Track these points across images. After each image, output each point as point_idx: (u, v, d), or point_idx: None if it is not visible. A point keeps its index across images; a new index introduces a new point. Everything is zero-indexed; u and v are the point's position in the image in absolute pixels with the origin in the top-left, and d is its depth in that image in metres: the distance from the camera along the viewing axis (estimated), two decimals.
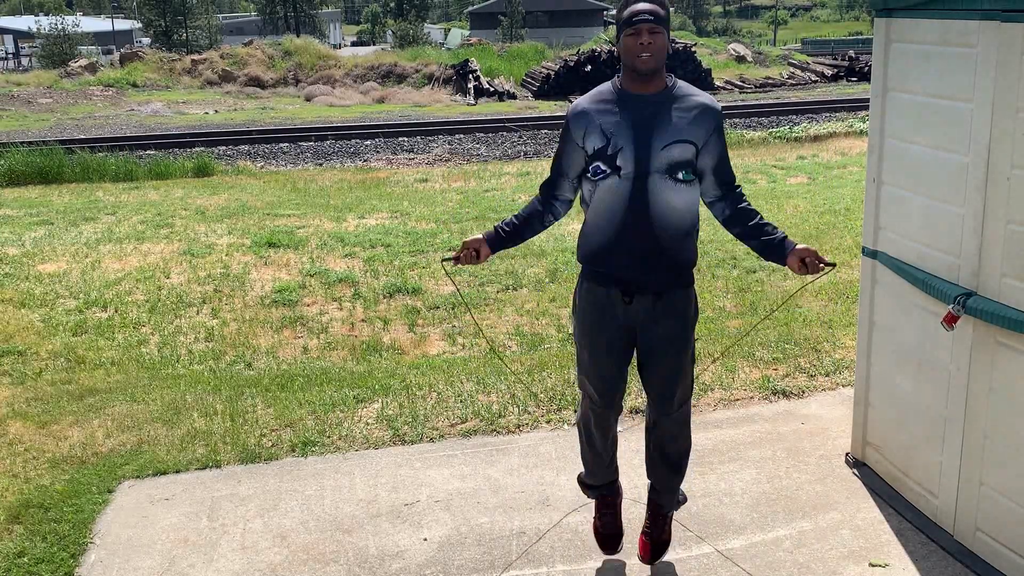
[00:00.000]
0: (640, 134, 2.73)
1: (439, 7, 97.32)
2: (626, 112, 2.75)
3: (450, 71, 29.40)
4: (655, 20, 2.69)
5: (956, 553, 3.26)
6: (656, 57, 2.70)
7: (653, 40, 2.68)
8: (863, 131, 15.40)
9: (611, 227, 2.79)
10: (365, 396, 4.78)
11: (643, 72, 2.72)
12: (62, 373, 5.39)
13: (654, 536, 3.20)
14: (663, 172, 2.74)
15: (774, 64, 34.29)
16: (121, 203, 10.87)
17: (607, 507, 3.24)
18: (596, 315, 2.90)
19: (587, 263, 2.91)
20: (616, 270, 2.82)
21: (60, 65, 34.53)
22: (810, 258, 2.85)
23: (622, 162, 2.74)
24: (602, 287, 2.87)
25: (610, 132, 2.75)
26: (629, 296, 2.83)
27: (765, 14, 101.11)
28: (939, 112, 3.19)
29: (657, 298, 2.84)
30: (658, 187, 2.74)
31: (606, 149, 2.76)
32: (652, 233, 2.76)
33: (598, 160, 2.78)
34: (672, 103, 2.77)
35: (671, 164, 2.74)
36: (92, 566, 3.37)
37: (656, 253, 2.78)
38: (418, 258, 7.82)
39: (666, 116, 2.74)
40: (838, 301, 6.20)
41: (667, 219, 2.77)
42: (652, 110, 2.75)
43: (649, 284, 2.82)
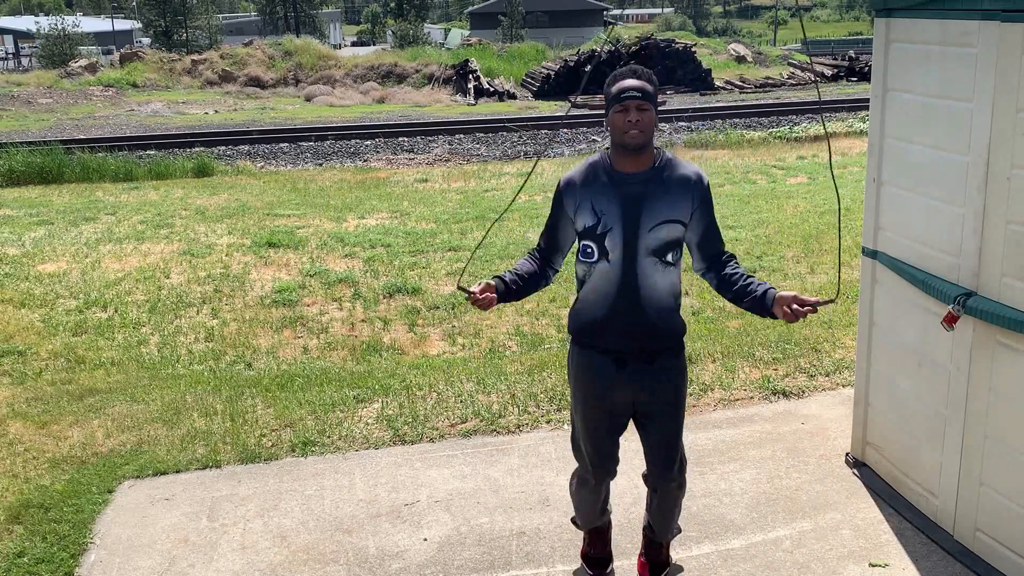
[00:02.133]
0: (628, 216, 2.78)
1: (439, 7, 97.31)
2: (616, 192, 2.80)
3: (450, 71, 29.39)
4: (643, 97, 2.73)
5: (956, 553, 3.26)
6: (644, 133, 2.75)
7: (641, 117, 2.73)
8: (863, 131, 15.40)
9: (602, 307, 2.85)
10: (365, 396, 4.78)
11: (631, 148, 2.77)
12: (62, 373, 5.39)
13: (652, 559, 3.23)
14: (651, 255, 2.80)
15: (774, 64, 34.29)
16: (121, 203, 10.87)
17: (597, 537, 3.27)
18: (590, 381, 2.94)
19: (578, 335, 2.97)
20: (608, 343, 2.88)
21: (60, 65, 34.52)
22: (789, 302, 2.76)
23: (610, 245, 2.80)
24: (594, 355, 2.92)
25: (600, 212, 2.81)
26: (622, 363, 2.87)
27: (765, 14, 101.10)
28: (939, 112, 3.19)
29: (648, 363, 2.88)
30: (646, 271, 2.80)
31: (596, 228, 2.82)
32: (642, 312, 2.82)
33: (588, 239, 2.84)
34: (660, 181, 2.81)
35: (659, 247, 2.79)
36: (92, 566, 3.37)
37: (646, 328, 2.84)
38: (418, 258, 7.82)
39: (654, 196, 2.79)
40: (838, 301, 6.20)
41: (655, 299, 2.83)
42: (641, 190, 2.80)
43: (640, 351, 2.87)
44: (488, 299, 2.89)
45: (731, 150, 14.52)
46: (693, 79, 27.40)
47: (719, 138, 15.60)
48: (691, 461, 3.98)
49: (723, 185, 11.07)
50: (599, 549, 3.26)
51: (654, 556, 3.21)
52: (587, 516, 3.21)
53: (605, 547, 3.27)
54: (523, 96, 27.27)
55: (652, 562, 3.21)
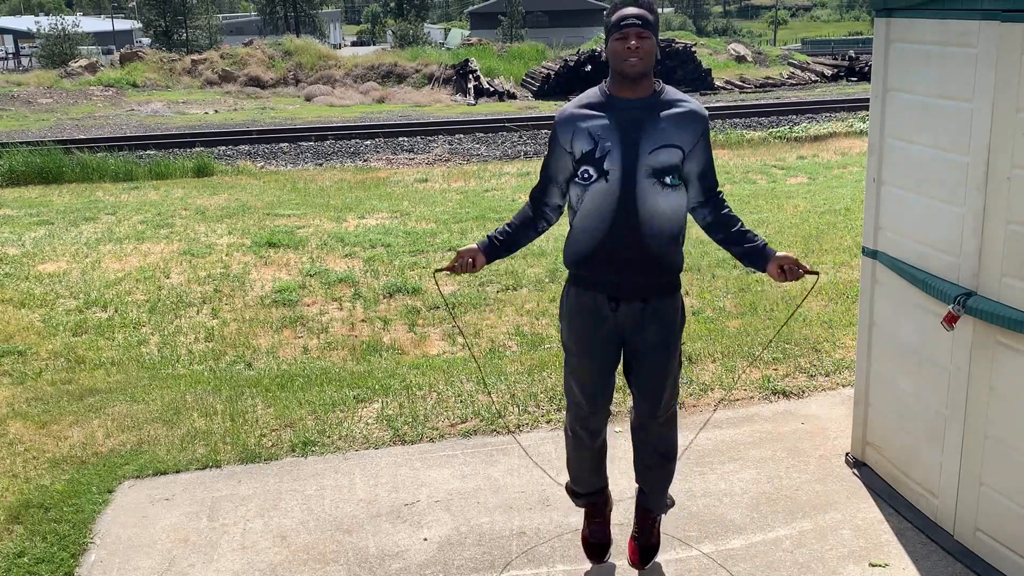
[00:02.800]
0: (628, 138, 2.74)
1: (439, 7, 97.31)
2: (614, 116, 2.76)
3: (450, 71, 29.39)
4: (643, 24, 2.70)
5: (956, 553, 3.26)
6: (644, 61, 2.71)
7: (641, 44, 2.70)
8: (863, 131, 15.40)
9: (599, 231, 2.79)
10: (365, 396, 4.78)
11: (631, 76, 2.73)
12: (62, 373, 5.39)
13: (643, 541, 3.19)
14: (650, 176, 2.74)
15: (774, 64, 34.27)
16: (121, 203, 10.87)
17: (596, 516, 3.23)
18: (583, 321, 2.90)
19: (574, 268, 2.91)
20: (603, 275, 2.82)
21: (60, 65, 34.52)
22: (789, 265, 2.83)
23: (609, 166, 2.74)
24: (589, 292, 2.87)
25: (598, 135, 2.76)
26: (616, 302, 2.83)
27: (765, 14, 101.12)
28: (939, 112, 3.19)
29: (644, 304, 2.83)
30: (646, 191, 2.74)
31: (594, 152, 2.76)
32: (639, 237, 2.76)
33: (586, 163, 2.78)
34: (660, 108, 2.77)
35: (658, 168, 2.74)
36: (92, 566, 3.37)
37: (643, 258, 2.78)
38: (418, 258, 7.82)
39: (654, 121, 2.75)
40: (838, 301, 6.20)
41: (654, 223, 2.77)
42: (640, 114, 2.76)
43: (636, 290, 2.82)
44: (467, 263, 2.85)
45: (731, 150, 14.52)
46: (693, 79, 27.38)
47: (719, 138, 15.59)
48: (691, 461, 3.99)
49: (723, 185, 11.02)
50: (597, 530, 3.20)
51: (645, 536, 3.17)
52: (582, 470, 3.14)
53: (604, 528, 3.21)
54: (523, 96, 27.27)
55: (643, 545, 3.18)
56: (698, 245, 7.69)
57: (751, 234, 2.91)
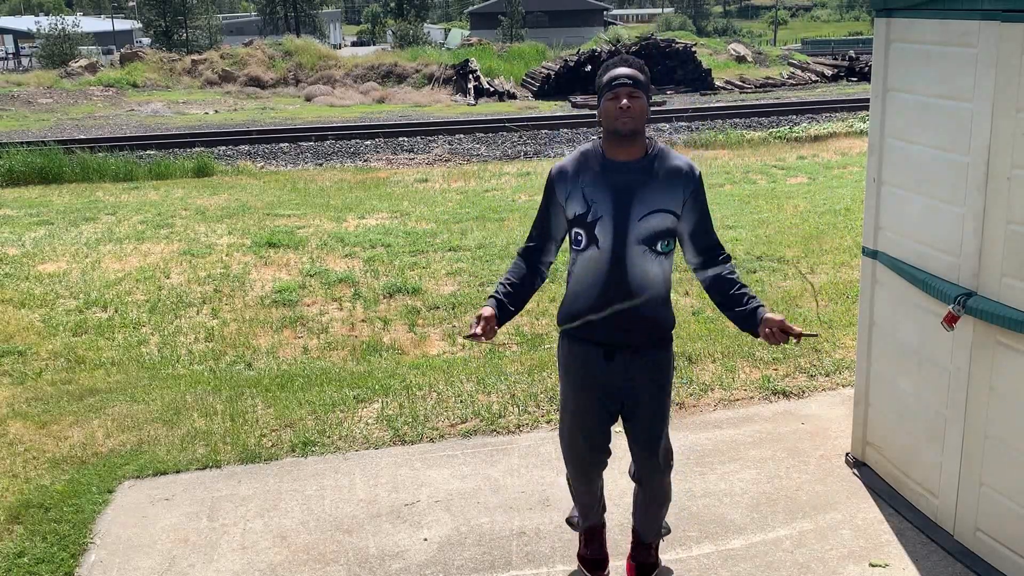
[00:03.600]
0: (619, 204, 2.77)
1: (439, 7, 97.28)
2: (607, 179, 2.79)
3: (450, 71, 29.38)
4: (634, 84, 2.72)
5: (956, 553, 3.26)
6: (636, 120, 2.73)
7: (632, 104, 2.72)
8: (863, 131, 15.40)
9: (591, 296, 2.83)
10: (365, 396, 4.78)
11: (623, 135, 2.75)
12: (62, 373, 5.39)
13: (639, 561, 3.23)
14: (641, 243, 2.77)
15: (774, 64, 34.26)
16: (121, 203, 10.87)
17: (593, 538, 3.28)
18: (579, 372, 2.94)
19: (568, 326, 2.95)
20: (597, 334, 2.87)
21: (60, 65, 34.51)
22: (772, 327, 2.73)
23: (600, 233, 2.78)
24: (583, 346, 2.92)
25: (591, 200, 2.79)
26: (610, 355, 2.87)
27: (765, 14, 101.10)
28: (939, 112, 3.19)
29: (635, 355, 2.87)
30: (636, 259, 2.78)
31: (586, 216, 2.80)
32: (631, 301, 2.80)
33: (578, 227, 2.82)
34: (652, 170, 2.80)
35: (649, 235, 2.77)
36: (92, 566, 3.37)
37: (636, 319, 2.82)
38: (418, 258, 7.82)
39: (645, 184, 2.78)
40: (838, 301, 6.20)
41: (645, 288, 2.81)
42: (632, 178, 2.78)
43: (628, 343, 2.86)
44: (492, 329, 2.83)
45: (731, 150, 14.52)
46: (693, 79, 27.38)
47: (719, 138, 15.59)
48: (691, 461, 4.00)
49: (723, 185, 11.06)
50: (595, 550, 3.26)
51: (642, 558, 3.21)
52: (586, 509, 3.20)
53: (601, 548, 3.27)
54: (523, 96, 27.26)
55: (640, 563, 3.21)
56: None
57: (747, 298, 2.84)
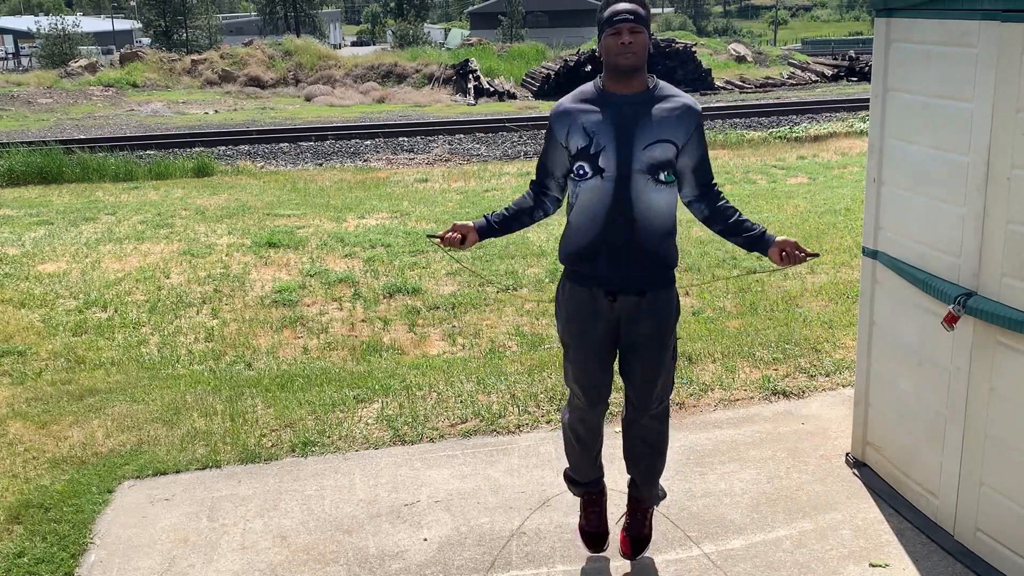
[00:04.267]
0: (622, 133, 2.77)
1: (439, 7, 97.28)
2: (608, 112, 2.79)
3: (450, 71, 29.38)
4: (635, 19, 2.74)
5: (956, 553, 3.26)
6: (637, 55, 2.74)
7: (634, 39, 2.73)
8: (863, 131, 15.39)
9: (594, 228, 2.82)
10: (365, 396, 4.78)
11: (624, 70, 2.76)
12: (62, 373, 5.39)
13: (634, 532, 3.23)
14: (645, 172, 2.77)
15: (774, 64, 34.27)
16: (121, 203, 10.87)
17: (593, 505, 3.28)
18: (580, 315, 2.94)
19: (570, 263, 2.94)
20: (599, 270, 2.86)
21: (60, 65, 34.51)
22: (789, 248, 2.89)
23: (604, 163, 2.77)
24: (585, 287, 2.91)
25: (592, 131, 2.79)
26: (613, 296, 2.86)
27: (765, 14, 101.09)
28: (939, 112, 3.19)
29: (640, 296, 2.87)
30: (640, 188, 2.78)
31: (588, 148, 2.79)
32: (634, 233, 2.80)
33: (581, 159, 2.81)
34: (654, 103, 2.80)
35: (652, 164, 2.78)
36: (92, 566, 3.37)
37: (638, 253, 2.82)
38: (418, 258, 7.82)
39: (647, 116, 2.78)
40: (838, 301, 6.20)
41: (649, 219, 2.81)
42: (634, 110, 2.79)
43: (632, 283, 2.86)
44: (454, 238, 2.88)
45: (731, 150, 14.52)
46: (693, 79, 27.36)
47: (719, 138, 15.59)
48: (691, 461, 4.00)
49: (723, 185, 11.03)
50: (594, 520, 3.25)
51: (637, 526, 3.20)
52: (580, 463, 3.20)
53: (601, 518, 3.26)
54: (523, 96, 27.26)
55: (634, 536, 3.21)
56: (698, 245, 7.69)
57: (749, 223, 2.95)
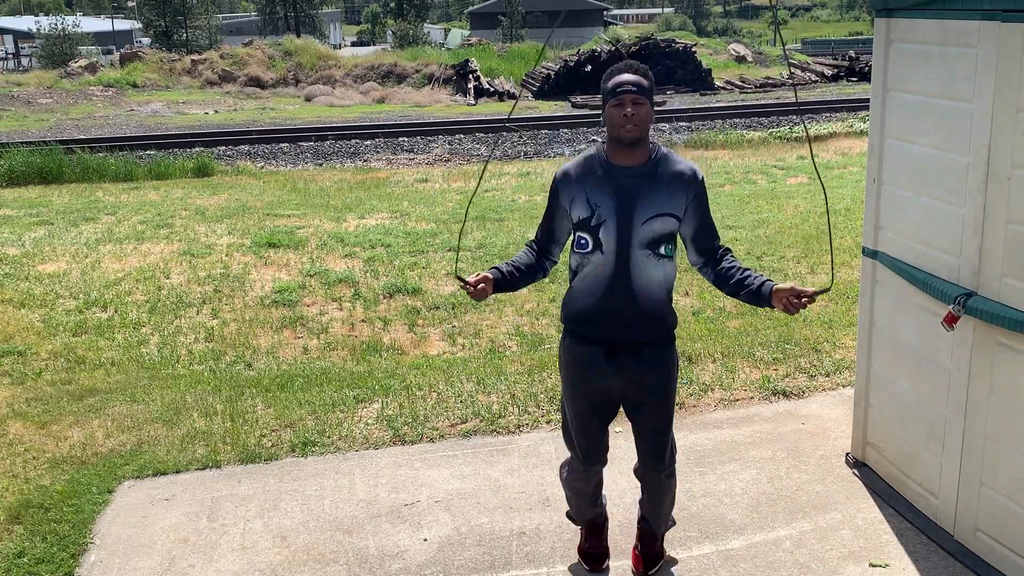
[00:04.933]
0: (623, 208, 2.80)
1: (439, 7, 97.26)
2: (610, 184, 2.83)
3: (450, 71, 29.38)
4: (639, 91, 2.75)
5: (956, 553, 3.26)
6: (639, 127, 2.77)
7: (636, 111, 2.75)
8: (863, 131, 15.39)
9: (595, 297, 2.87)
10: (365, 396, 4.78)
11: (627, 142, 2.79)
12: (62, 373, 5.39)
13: (646, 551, 3.25)
14: (644, 247, 2.82)
15: (774, 64, 34.27)
16: (121, 203, 10.87)
17: (593, 533, 3.30)
18: (580, 371, 2.97)
19: (571, 324, 2.98)
20: (600, 331, 2.90)
21: (60, 65, 34.51)
22: (789, 296, 2.82)
23: (604, 238, 2.82)
24: (585, 345, 2.94)
25: (595, 204, 2.83)
26: (612, 354, 2.89)
27: (765, 14, 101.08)
28: (939, 112, 3.19)
29: (638, 352, 2.90)
30: (640, 263, 2.82)
31: (590, 220, 2.83)
32: (634, 302, 2.84)
33: (582, 231, 2.86)
34: (655, 175, 2.83)
35: (653, 239, 2.81)
36: (92, 566, 3.37)
37: (638, 318, 2.86)
38: (418, 258, 7.82)
39: (648, 189, 2.82)
40: (838, 301, 6.20)
41: (648, 291, 2.85)
42: (635, 183, 2.82)
43: (631, 339, 2.89)
44: (483, 290, 2.91)
45: (731, 150, 14.51)
46: (693, 79, 27.36)
47: (719, 138, 15.59)
48: (691, 461, 3.99)
49: (723, 185, 11.06)
50: (595, 544, 3.28)
51: (648, 548, 3.24)
52: (579, 508, 3.25)
53: (601, 542, 3.29)
54: (523, 96, 27.25)
55: (646, 555, 3.24)
56: None
57: (750, 279, 2.90)
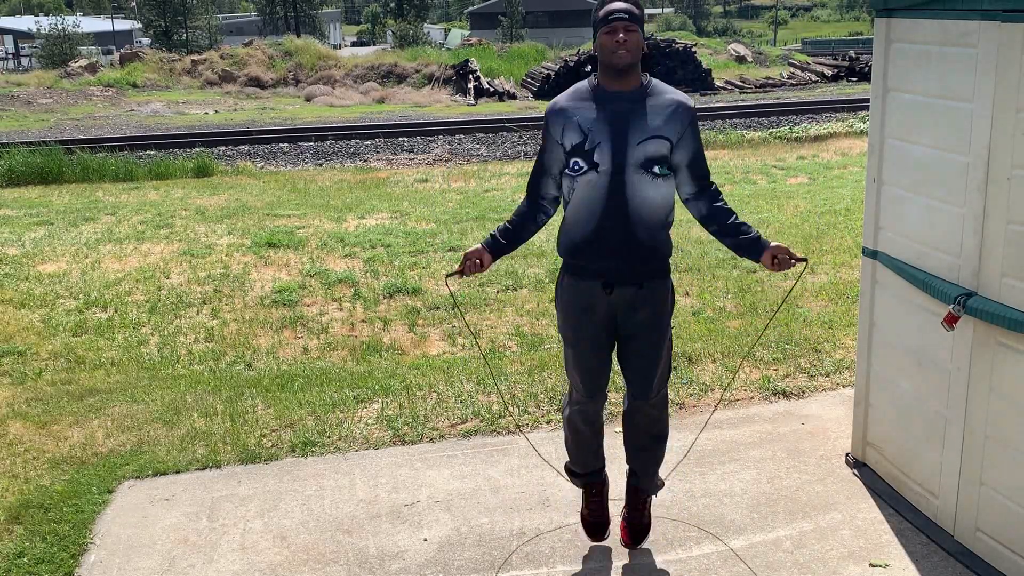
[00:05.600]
0: (616, 129, 2.82)
1: (439, 7, 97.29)
2: (603, 108, 2.85)
3: (450, 71, 29.38)
4: (630, 18, 2.80)
5: (956, 553, 3.26)
6: (631, 53, 2.80)
7: (628, 37, 2.78)
8: (863, 131, 15.39)
9: (590, 221, 2.88)
10: (365, 396, 4.78)
11: (619, 68, 2.81)
12: (62, 373, 5.39)
13: (634, 520, 3.27)
14: (639, 167, 2.83)
15: (774, 64, 34.27)
16: (121, 203, 10.87)
17: (594, 496, 3.31)
18: (578, 307, 2.99)
19: (568, 256, 2.99)
20: (596, 262, 2.91)
21: (60, 65, 34.51)
22: (781, 254, 2.93)
23: (599, 158, 2.83)
24: (583, 280, 2.96)
25: (587, 128, 2.84)
26: (610, 287, 2.91)
27: (765, 14, 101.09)
28: (939, 112, 3.19)
29: (637, 287, 2.93)
30: (635, 181, 2.83)
31: (583, 144, 2.84)
32: (630, 226, 2.85)
33: (576, 155, 2.86)
34: (647, 100, 2.86)
35: (647, 159, 2.83)
36: (92, 566, 3.37)
37: (634, 245, 2.87)
38: (418, 258, 7.82)
39: (641, 112, 2.84)
40: (838, 301, 6.20)
41: (644, 212, 2.86)
42: (628, 107, 2.84)
43: (628, 274, 2.91)
44: (477, 264, 2.92)
45: (731, 150, 14.52)
46: (693, 79, 27.36)
47: (719, 138, 15.59)
48: (691, 461, 3.99)
49: (723, 185, 11.07)
50: (596, 510, 3.29)
51: (636, 516, 3.25)
52: (580, 455, 3.25)
53: (602, 507, 3.29)
54: (523, 96, 27.26)
55: (634, 525, 3.25)
56: (698, 245, 7.69)
57: (745, 226, 2.99)
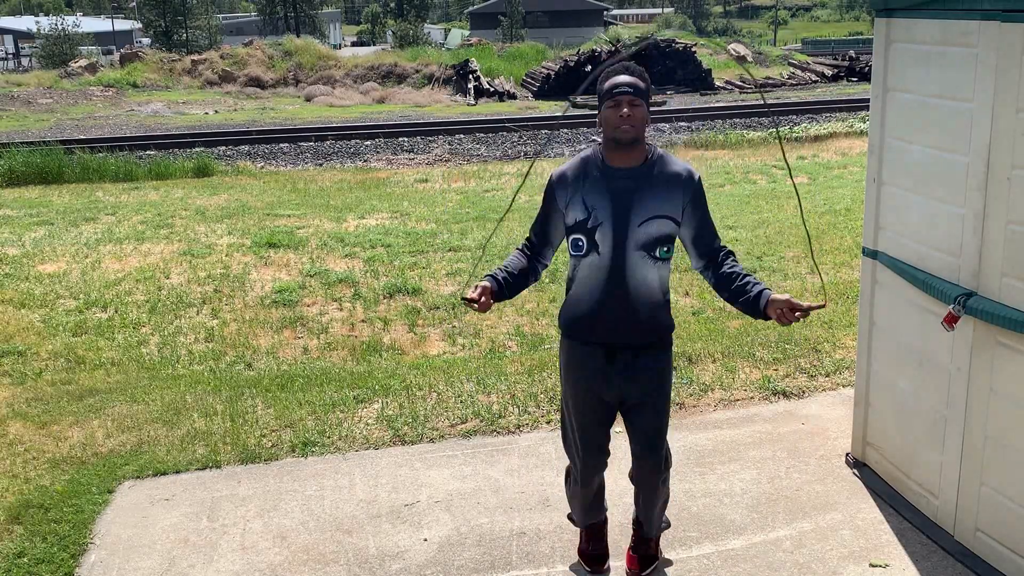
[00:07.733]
0: (619, 210, 2.80)
1: (439, 7, 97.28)
2: (607, 186, 2.82)
3: (450, 71, 29.40)
4: (635, 92, 2.75)
5: (956, 553, 3.26)
6: (636, 128, 2.76)
7: (633, 112, 2.74)
8: (863, 131, 15.39)
9: (592, 300, 2.87)
10: (365, 396, 4.78)
11: (623, 142, 2.78)
12: (62, 373, 5.39)
13: (641, 552, 3.26)
14: (640, 250, 2.81)
15: (774, 64, 34.26)
16: (121, 203, 10.87)
17: (594, 535, 3.31)
18: (580, 372, 2.97)
19: (569, 329, 2.98)
20: (597, 335, 2.90)
21: (60, 65, 34.52)
22: (784, 308, 2.78)
23: (600, 239, 2.81)
24: (584, 345, 2.95)
25: (591, 206, 2.82)
26: (611, 356, 2.90)
27: (765, 14, 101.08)
28: (939, 112, 3.19)
29: (636, 355, 2.90)
30: (635, 265, 2.82)
31: (586, 223, 2.83)
32: (631, 305, 2.84)
33: (578, 233, 2.85)
34: (651, 176, 2.82)
35: (649, 241, 2.81)
36: (92, 566, 3.37)
37: (634, 321, 2.86)
38: (418, 258, 7.82)
39: (644, 191, 2.81)
40: (838, 301, 6.20)
41: (644, 293, 2.85)
42: (632, 184, 2.81)
43: (629, 342, 2.89)
44: (485, 303, 2.90)
45: (731, 150, 14.52)
46: (693, 79, 27.39)
47: (719, 138, 15.60)
48: (691, 461, 4.00)
49: (723, 185, 11.06)
50: (596, 546, 3.28)
51: (643, 550, 3.25)
52: (582, 512, 3.25)
53: (601, 544, 3.29)
54: (523, 96, 27.27)
55: (641, 555, 3.24)
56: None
57: (748, 286, 2.87)
